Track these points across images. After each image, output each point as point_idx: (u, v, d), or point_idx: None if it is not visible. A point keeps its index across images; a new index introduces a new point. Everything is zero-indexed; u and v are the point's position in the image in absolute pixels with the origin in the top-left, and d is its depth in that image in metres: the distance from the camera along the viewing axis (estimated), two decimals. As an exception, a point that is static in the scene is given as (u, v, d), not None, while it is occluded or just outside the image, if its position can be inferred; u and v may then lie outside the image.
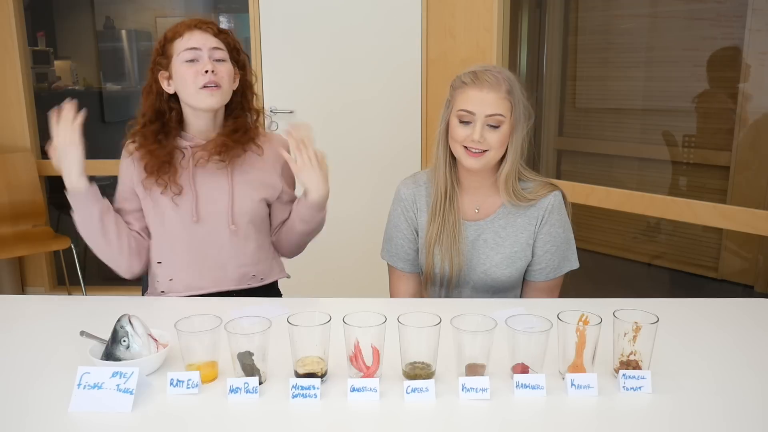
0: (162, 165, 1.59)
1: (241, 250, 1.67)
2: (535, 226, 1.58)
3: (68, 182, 1.53)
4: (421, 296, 1.72)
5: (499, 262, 1.59)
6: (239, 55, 1.66)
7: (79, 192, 1.53)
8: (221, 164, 1.63)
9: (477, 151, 1.50)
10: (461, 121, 1.51)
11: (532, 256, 1.61)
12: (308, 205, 1.64)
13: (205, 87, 1.55)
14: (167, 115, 1.62)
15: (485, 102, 1.48)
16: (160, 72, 1.61)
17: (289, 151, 1.61)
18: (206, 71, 1.54)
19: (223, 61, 1.59)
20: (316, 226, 1.72)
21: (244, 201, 1.65)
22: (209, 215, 1.63)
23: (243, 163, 1.66)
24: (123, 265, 1.64)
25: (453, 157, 1.58)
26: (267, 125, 3.25)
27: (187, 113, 1.63)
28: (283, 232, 1.76)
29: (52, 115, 1.48)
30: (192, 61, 1.56)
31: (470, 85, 1.50)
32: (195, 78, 1.55)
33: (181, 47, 1.57)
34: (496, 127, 1.49)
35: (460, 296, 1.67)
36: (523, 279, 1.67)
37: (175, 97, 1.62)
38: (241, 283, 1.69)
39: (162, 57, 1.60)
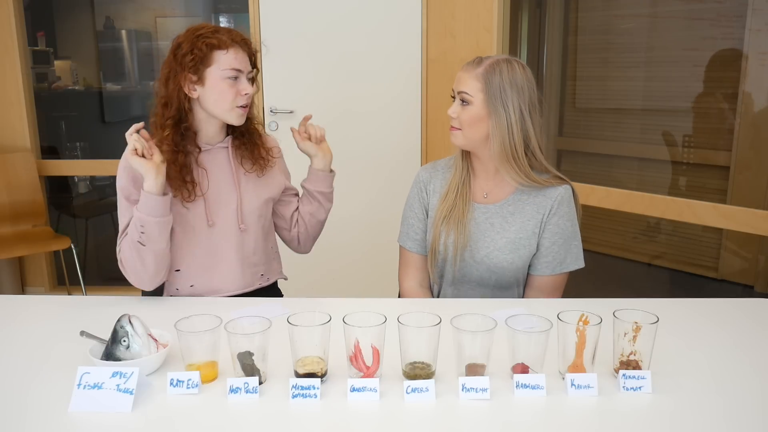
0: (186, 171, 1.57)
1: (250, 250, 1.69)
2: (544, 215, 1.60)
3: (151, 183, 1.48)
4: (427, 281, 1.73)
5: (502, 246, 1.61)
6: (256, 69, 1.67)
7: (160, 195, 1.48)
8: (229, 166, 1.66)
9: (454, 127, 1.60)
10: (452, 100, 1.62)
11: (539, 248, 1.62)
12: (322, 176, 1.76)
13: (240, 107, 1.58)
14: (188, 119, 1.58)
15: (459, 80, 1.59)
16: (188, 75, 1.54)
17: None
18: (246, 93, 1.57)
19: (252, 79, 1.62)
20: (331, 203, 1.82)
21: (251, 200, 1.67)
22: (221, 218, 1.64)
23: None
24: (155, 280, 1.59)
25: None
26: (266, 125, 3.26)
27: (202, 119, 1.61)
28: (307, 223, 1.79)
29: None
30: (234, 78, 1.55)
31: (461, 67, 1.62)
32: (235, 97, 1.56)
33: (226, 63, 1.53)
34: (466, 105, 1.57)
35: (464, 286, 1.68)
36: (528, 275, 1.67)
37: (192, 100, 1.59)
38: (253, 283, 1.71)
39: (200, 63, 1.53)
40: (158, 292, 1.68)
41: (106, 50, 4.27)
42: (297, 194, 1.84)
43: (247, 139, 1.68)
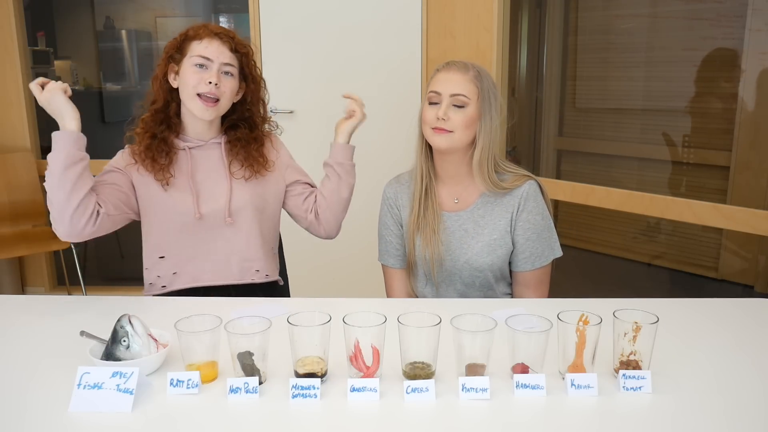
0: (160, 152, 1.64)
1: (243, 244, 1.70)
2: (513, 213, 1.63)
3: (61, 121, 1.54)
4: (412, 292, 1.76)
5: (479, 251, 1.63)
6: (252, 72, 1.70)
7: (68, 132, 1.53)
8: (221, 162, 1.69)
9: (443, 129, 1.57)
10: (430, 103, 1.60)
11: (515, 245, 1.64)
12: (340, 147, 1.76)
13: (202, 97, 1.59)
14: (169, 106, 1.67)
15: (451, 82, 1.58)
16: (171, 65, 1.64)
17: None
18: (210, 82, 1.58)
19: (230, 75, 1.64)
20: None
21: (242, 196, 1.69)
22: (209, 212, 1.66)
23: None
24: (66, 222, 1.55)
25: (429, 149, 1.66)
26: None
27: (185, 112, 1.68)
28: (329, 201, 1.74)
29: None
30: (201, 66, 1.60)
31: (440, 70, 1.62)
32: (197, 84, 1.59)
33: (196, 51, 1.61)
34: (460, 107, 1.57)
35: (450, 291, 1.69)
36: (512, 273, 1.69)
37: (177, 91, 1.67)
38: (243, 278, 1.71)
39: (177, 52, 1.63)
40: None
41: (106, 50, 4.27)
42: (310, 184, 1.83)
43: (244, 142, 1.70)
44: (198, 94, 1.59)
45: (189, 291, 1.69)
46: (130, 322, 1.18)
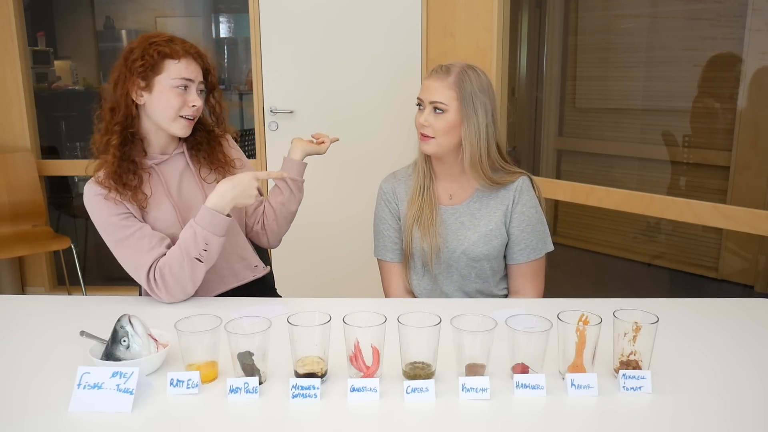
0: (128, 173, 1.56)
1: (236, 244, 1.71)
2: (508, 206, 1.67)
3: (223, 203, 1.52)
4: (409, 286, 1.77)
5: (476, 240, 1.66)
6: (215, 85, 1.69)
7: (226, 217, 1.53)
8: (189, 170, 1.67)
9: (426, 135, 1.62)
10: (418, 109, 1.65)
11: (510, 237, 1.67)
12: (297, 164, 1.78)
13: (185, 117, 1.57)
14: (134, 125, 1.58)
15: (430, 89, 1.61)
16: (135, 80, 1.54)
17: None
18: (193, 105, 1.57)
19: (202, 92, 1.63)
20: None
21: None
22: None
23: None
24: (191, 293, 1.58)
25: None
26: (266, 125, 3.26)
27: (149, 129, 1.61)
28: (277, 214, 1.78)
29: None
30: (182, 88, 1.56)
31: (426, 76, 1.67)
32: (181, 107, 1.56)
33: (176, 72, 1.55)
34: (440, 114, 1.60)
35: (447, 283, 1.71)
36: (508, 266, 1.71)
37: (138, 107, 1.58)
38: (247, 276, 1.72)
39: (150, 69, 1.53)
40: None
41: (106, 50, 4.28)
42: (260, 191, 1.84)
43: (206, 145, 1.70)
44: (180, 116, 1.57)
45: None
46: (130, 322, 1.18)
